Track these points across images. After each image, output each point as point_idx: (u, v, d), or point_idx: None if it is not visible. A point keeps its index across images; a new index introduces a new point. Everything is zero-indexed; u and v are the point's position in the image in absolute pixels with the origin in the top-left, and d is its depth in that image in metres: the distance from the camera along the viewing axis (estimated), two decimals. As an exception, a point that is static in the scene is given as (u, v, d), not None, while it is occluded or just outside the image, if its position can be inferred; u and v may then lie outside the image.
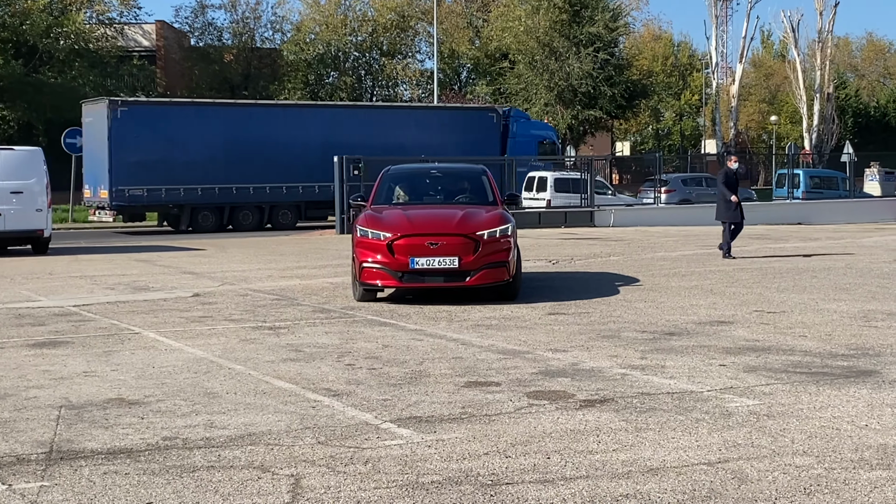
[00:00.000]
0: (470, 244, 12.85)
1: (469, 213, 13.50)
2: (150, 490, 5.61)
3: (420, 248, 12.78)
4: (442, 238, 12.84)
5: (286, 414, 7.34)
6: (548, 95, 53.60)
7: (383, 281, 12.97)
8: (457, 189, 15.04)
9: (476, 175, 15.23)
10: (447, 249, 12.77)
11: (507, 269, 13.06)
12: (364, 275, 13.06)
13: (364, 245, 13.08)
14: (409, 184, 15.23)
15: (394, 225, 13.13)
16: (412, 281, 12.95)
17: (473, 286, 12.98)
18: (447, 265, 12.76)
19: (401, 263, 12.79)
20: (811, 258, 20.01)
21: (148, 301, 14.11)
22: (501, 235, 13.13)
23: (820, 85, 63.40)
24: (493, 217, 13.46)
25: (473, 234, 12.93)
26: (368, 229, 13.14)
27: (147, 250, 24.64)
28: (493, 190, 14.71)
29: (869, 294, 13.95)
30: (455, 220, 13.24)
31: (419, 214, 13.66)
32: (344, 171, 31.33)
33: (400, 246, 12.83)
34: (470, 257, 12.78)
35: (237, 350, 10.05)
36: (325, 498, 5.44)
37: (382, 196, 14.60)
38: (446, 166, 18.24)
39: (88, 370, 9.07)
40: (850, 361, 9.12)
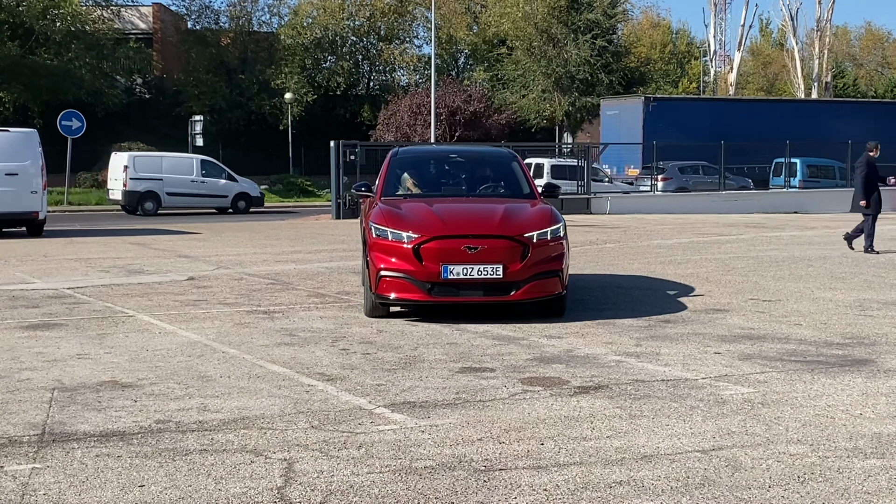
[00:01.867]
0: (517, 249, 10.29)
1: (512, 210, 10.97)
2: (143, 473, 5.59)
3: (456, 254, 10.17)
4: (483, 241, 10.25)
5: (280, 398, 7.32)
6: (545, 82, 53.51)
7: (407, 294, 10.28)
8: (483, 178, 12.45)
9: (505, 161, 12.73)
10: (489, 255, 10.19)
11: (560, 280, 10.53)
12: (382, 286, 10.34)
13: (381, 248, 10.43)
14: (423, 171, 12.66)
15: (421, 223, 10.49)
16: (444, 294, 10.25)
17: (519, 301, 10.37)
18: (489, 275, 10.16)
19: (430, 272, 10.17)
20: (806, 246, 19.99)
21: (142, 284, 14.07)
22: (553, 238, 10.61)
23: (818, 74, 63.36)
24: (541, 214, 10.93)
25: (521, 237, 10.36)
26: (388, 228, 10.49)
27: (142, 233, 24.59)
28: (529, 179, 12.17)
29: (864, 283, 13.94)
30: (497, 218, 10.65)
31: (451, 210, 11.04)
32: (340, 156, 31.26)
33: (430, 250, 10.21)
34: (517, 265, 10.22)
35: (231, 334, 10.03)
36: (317, 482, 5.42)
37: (392, 185, 11.96)
38: (467, 149, 15.82)
39: (82, 353, 9.04)
40: (845, 350, 9.11)
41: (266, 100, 54.98)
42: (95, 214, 35.28)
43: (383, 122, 50.73)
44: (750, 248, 19.94)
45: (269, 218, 32.90)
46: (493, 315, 10.87)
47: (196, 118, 47.41)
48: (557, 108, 53.67)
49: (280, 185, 48.53)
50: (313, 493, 5.27)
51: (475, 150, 14.91)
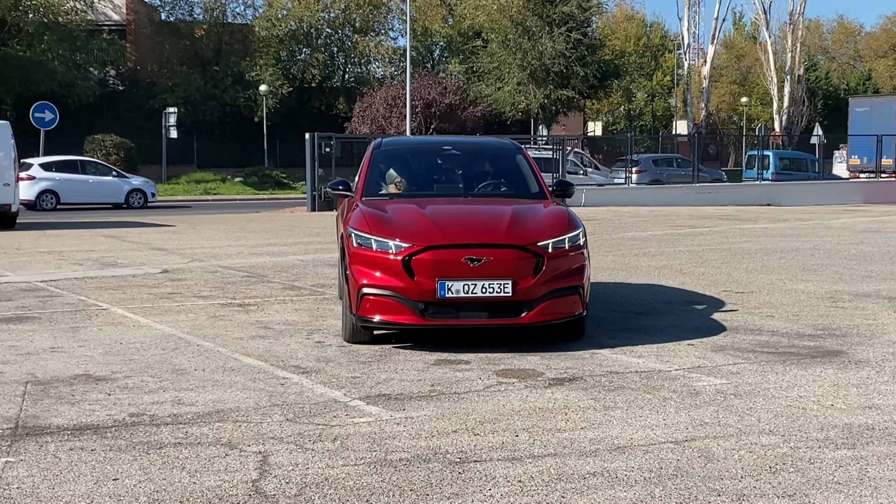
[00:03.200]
0: (529, 261, 8.48)
1: (521, 213, 9.17)
2: (117, 466, 5.58)
3: (455, 267, 8.35)
4: (488, 251, 8.43)
5: (254, 391, 7.32)
6: (520, 74, 53.54)
7: (395, 316, 8.44)
8: (483, 174, 10.63)
9: (508, 154, 10.81)
10: (496, 268, 8.37)
11: (581, 298, 8.72)
12: (365, 306, 8.50)
13: (364, 260, 8.61)
14: (412, 166, 10.72)
15: (412, 230, 8.67)
16: (440, 316, 8.44)
17: (531, 325, 8.56)
18: (496, 293, 8.35)
19: (424, 289, 8.33)
20: (779, 239, 20.12)
21: (116, 277, 14.01)
22: (572, 247, 8.77)
23: (790, 67, 63.66)
24: (556, 218, 9.12)
25: (534, 246, 8.54)
26: (371, 236, 8.65)
27: (116, 226, 24.46)
28: (537, 175, 10.31)
29: (836, 275, 14.05)
30: (504, 223, 8.82)
31: (447, 213, 9.23)
32: (315, 148, 31.20)
33: (423, 263, 8.39)
34: (529, 281, 8.41)
35: (206, 327, 10.00)
36: (292, 475, 5.43)
37: (375, 183, 10.15)
38: (464, 140, 13.52)
39: (55, 346, 9.00)
40: (817, 342, 9.19)
41: (241, 92, 54.79)
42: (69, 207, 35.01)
43: (359, 115, 50.63)
44: (723, 240, 20.05)
45: (243, 211, 32.79)
46: (494, 339, 9.08)
47: (170, 110, 47.26)
48: (533, 100, 53.71)
49: (255, 177, 48.39)
50: (288, 485, 5.28)
51: (473, 142, 12.74)
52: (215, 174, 47.29)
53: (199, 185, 44.83)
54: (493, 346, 8.86)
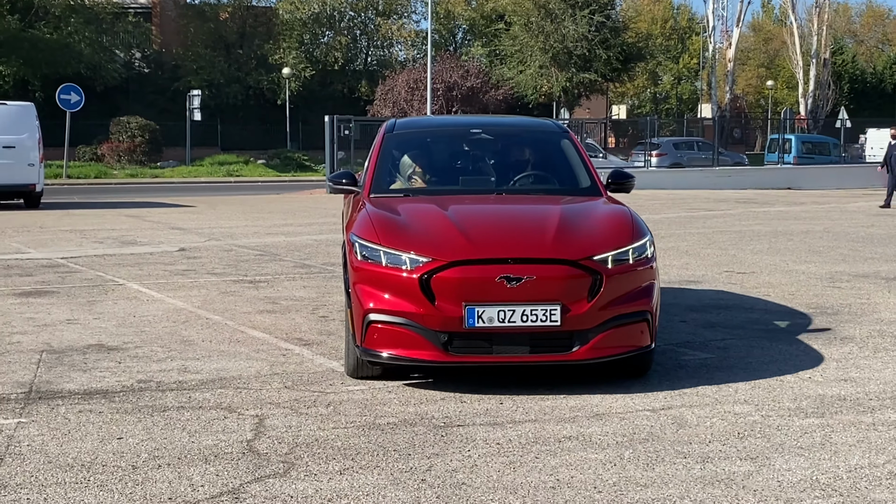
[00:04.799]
0: (582, 280, 6.61)
1: (572, 216, 7.30)
2: (122, 427, 5.94)
3: (487, 288, 6.49)
4: (530, 267, 6.55)
5: (257, 361, 7.66)
6: (543, 58, 53.62)
7: (410, 351, 6.60)
8: (521, 164, 8.56)
9: (551, 138, 8.77)
10: (540, 290, 6.50)
11: (649, 326, 6.86)
12: (371, 337, 6.69)
13: (370, 278, 6.78)
14: (432, 154, 8.77)
15: (432, 239, 6.82)
16: (468, 351, 6.59)
17: (585, 362, 6.71)
18: (540, 321, 6.48)
19: (447, 317, 6.48)
20: (791, 221, 20.31)
21: (134, 255, 14.41)
22: (638, 260, 6.89)
23: (816, 50, 63.41)
24: (616, 222, 7.22)
25: (589, 260, 6.65)
26: (380, 247, 6.80)
27: (138, 206, 24.91)
28: (589, 165, 8.30)
29: (840, 257, 14.26)
30: (550, 231, 6.91)
31: (477, 216, 7.40)
32: (335, 131, 31.54)
33: (447, 283, 6.53)
34: (582, 305, 6.56)
35: (216, 301, 10.36)
36: (285, 436, 5.77)
37: (387, 175, 8.25)
38: (496, 121, 11.04)
39: (71, 318, 9.38)
40: (808, 319, 9.44)
41: (264, 75, 55.15)
42: (94, 188, 35.58)
43: (380, 98, 50.94)
44: (735, 222, 20.24)
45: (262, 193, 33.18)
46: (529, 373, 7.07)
47: (194, 93, 47.67)
48: (555, 83, 53.80)
49: (277, 159, 48.80)
50: (280, 445, 5.61)
51: (508, 123, 10.35)
52: (238, 156, 47.73)
53: (223, 168, 45.28)
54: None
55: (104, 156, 44.91)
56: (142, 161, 44.85)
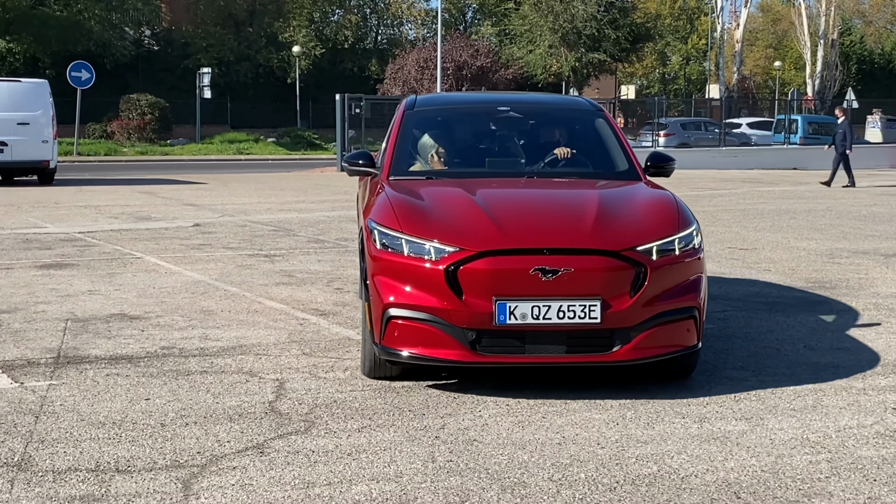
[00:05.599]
0: (625, 273, 6.03)
1: (611, 202, 6.75)
2: (148, 389, 6.26)
3: (520, 281, 5.93)
4: (567, 259, 5.98)
5: (275, 329, 7.98)
6: (552, 37, 53.79)
7: (434, 350, 6.04)
8: (552, 145, 7.87)
9: (585, 117, 8.22)
10: (578, 283, 5.94)
11: (696, 324, 6.28)
12: (391, 334, 6.13)
13: (390, 269, 6.21)
14: (456, 133, 8.23)
15: (459, 227, 6.25)
16: (499, 351, 6.02)
17: (627, 363, 6.11)
18: (578, 318, 5.93)
19: (476, 313, 5.92)
20: (795, 200, 20.57)
21: (150, 230, 14.73)
22: (685, 251, 6.31)
23: (824, 31, 63.41)
24: (661, 209, 6.64)
25: (632, 251, 6.08)
26: (402, 234, 6.24)
27: (151, 183, 25.23)
28: (626, 147, 7.75)
29: (841, 234, 14.54)
30: (589, 219, 6.34)
31: (508, 202, 6.86)
32: (346, 109, 31.78)
33: (476, 275, 5.97)
34: (625, 300, 5.99)
35: (233, 274, 10.68)
36: (305, 398, 6.08)
37: (407, 156, 7.66)
38: (525, 98, 10.26)
39: (93, 289, 9.70)
40: (806, 293, 9.73)
41: (274, 53, 55.41)
42: (105, 165, 35.91)
43: (390, 77, 51.15)
44: (740, 201, 20.51)
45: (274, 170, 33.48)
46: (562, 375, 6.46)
47: (204, 70, 47.94)
48: (564, 63, 53.99)
49: (287, 138, 49.08)
50: (300, 405, 5.93)
51: (538, 101, 9.74)
52: (248, 134, 48.03)
53: (233, 146, 45.58)
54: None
55: (114, 133, 45.26)
56: (152, 139, 45.18)
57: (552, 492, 4.63)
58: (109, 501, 4.47)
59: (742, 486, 4.71)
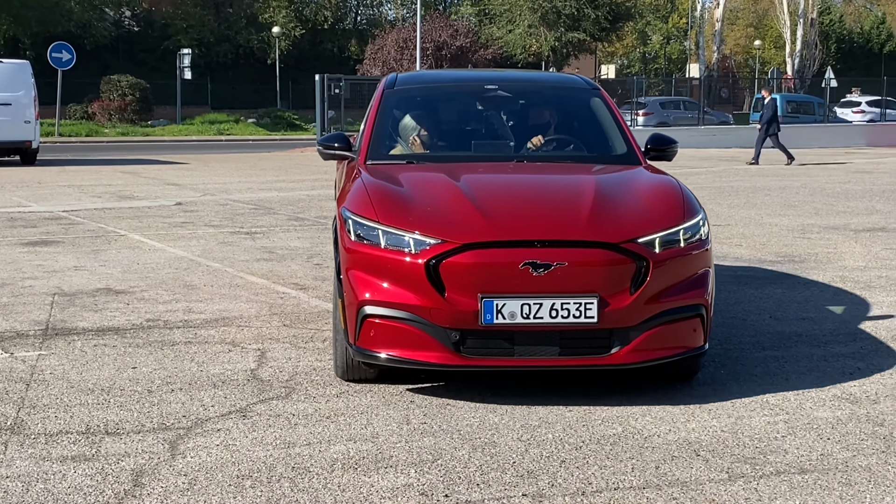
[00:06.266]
0: (624, 267, 5.51)
1: (609, 188, 6.19)
2: (135, 358, 6.47)
3: (509, 277, 5.41)
4: (561, 252, 5.45)
5: (256, 303, 8.20)
6: (531, 17, 53.88)
7: (414, 351, 5.52)
8: (544, 126, 7.36)
9: (580, 96, 7.63)
10: (572, 279, 5.42)
11: (703, 322, 5.78)
12: (366, 333, 5.62)
13: (366, 262, 5.70)
14: (440, 113, 7.69)
15: (442, 216, 5.73)
16: (485, 353, 5.50)
17: (626, 366, 5.58)
18: (572, 317, 5.40)
19: (459, 311, 5.40)
20: (770, 178, 20.87)
21: (133, 208, 14.90)
22: (691, 243, 5.76)
23: (804, 10, 63.72)
24: (664, 197, 6.10)
25: (632, 243, 5.55)
26: (378, 224, 5.71)
27: (132, 163, 25.33)
28: (625, 129, 7.17)
29: (813, 210, 14.83)
30: (584, 207, 5.79)
31: (495, 189, 6.34)
32: (325, 90, 31.90)
33: (460, 269, 5.45)
34: (624, 298, 5.46)
35: (215, 251, 10.88)
36: (285, 366, 6.31)
37: (386, 138, 7.12)
38: (515, 76, 9.72)
39: (78, 265, 9.89)
40: (775, 266, 10.01)
41: (254, 33, 55.36)
42: (86, 146, 35.93)
43: (370, 57, 51.17)
44: (716, 179, 20.79)
45: (256, 150, 33.61)
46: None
47: (184, 51, 47.89)
48: (544, 43, 54.11)
49: (268, 118, 49.10)
50: (281, 373, 6.16)
51: (527, 78, 9.06)
52: (229, 115, 48.01)
53: (213, 126, 45.58)
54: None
55: (95, 114, 45.17)
56: (132, 119, 45.13)
57: (521, 450, 4.87)
58: (100, 460, 4.69)
59: (702, 444, 4.97)
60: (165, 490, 4.37)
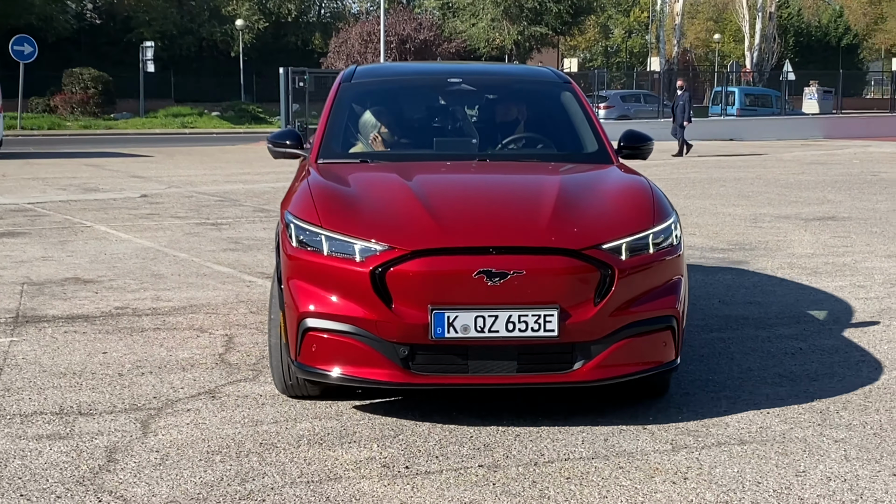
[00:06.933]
0: (588, 275, 5.10)
1: (574, 190, 5.77)
2: (105, 344, 6.68)
3: (462, 286, 4.99)
4: (518, 259, 5.03)
5: (223, 291, 8.41)
6: (494, 11, 54.23)
7: (360, 368, 5.08)
8: (511, 123, 6.90)
9: (550, 91, 7.21)
10: (531, 289, 5.00)
11: (674, 335, 5.33)
12: (308, 348, 5.18)
13: (308, 271, 5.25)
14: (399, 109, 7.19)
15: (390, 220, 5.29)
16: (436, 370, 5.07)
17: (590, 383, 5.15)
18: (531, 331, 4.99)
19: (408, 325, 4.98)
20: (727, 169, 21.28)
21: (98, 200, 15.04)
22: (661, 249, 5.36)
23: (762, 4, 64.44)
24: (633, 199, 5.67)
25: (596, 250, 5.13)
26: (321, 230, 5.26)
27: (96, 156, 25.38)
28: (597, 125, 6.71)
29: (766, 200, 15.22)
30: (545, 211, 5.37)
31: (449, 190, 5.89)
32: (290, 83, 32.00)
33: (408, 279, 5.03)
34: (587, 309, 5.06)
35: (181, 241, 11.07)
36: (252, 350, 6.54)
37: (340, 135, 6.68)
38: (481, 69, 9.33)
39: (46, 256, 10.06)
40: (726, 254, 10.34)
41: (217, 26, 55.30)
42: (49, 139, 35.82)
43: (334, 50, 51.27)
44: (674, 170, 21.17)
45: (219, 143, 33.68)
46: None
47: (147, 44, 47.80)
48: (507, 36, 54.48)
49: (232, 111, 49.12)
50: (248, 357, 6.39)
51: (494, 71, 8.67)
52: (192, 108, 48.00)
53: (177, 119, 45.57)
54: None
55: (57, 107, 45.02)
56: (95, 112, 45.02)
57: (478, 425, 5.14)
58: (74, 438, 4.91)
59: (648, 418, 5.25)
60: (139, 465, 4.59)
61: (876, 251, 10.55)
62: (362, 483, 4.43)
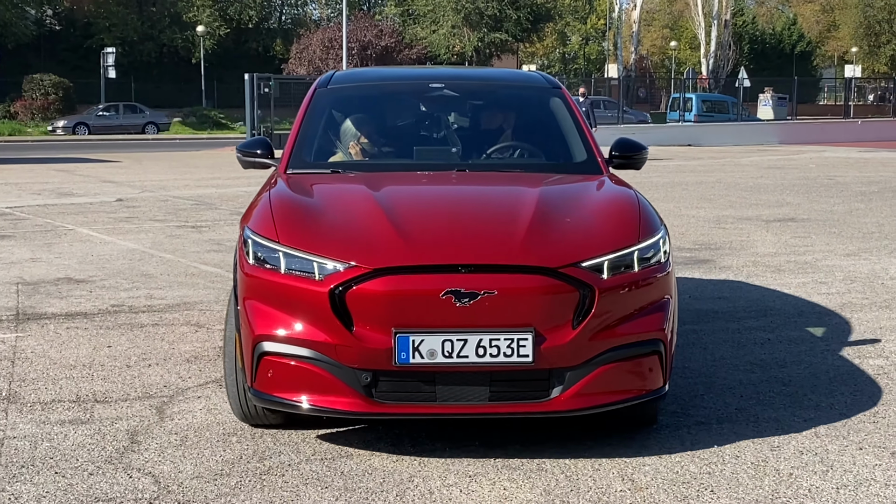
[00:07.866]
0: (565, 297, 4.65)
1: (554, 202, 5.33)
2: (108, 339, 6.98)
3: (428, 308, 4.55)
4: (490, 278, 4.59)
5: (214, 289, 8.72)
6: (455, 17, 54.76)
7: (318, 396, 4.68)
8: (496, 131, 6.49)
9: (538, 96, 6.72)
10: (502, 311, 4.56)
11: (661, 360, 4.90)
12: (263, 374, 4.79)
13: (264, 290, 4.85)
14: (377, 116, 6.68)
15: (351, 236, 4.87)
16: (400, 398, 4.65)
17: (568, 412, 4.71)
18: (503, 358, 4.56)
19: (369, 350, 4.57)
20: (688, 174, 21.81)
21: (75, 204, 15.25)
22: (647, 267, 4.91)
23: (718, 11, 65.41)
24: (617, 212, 5.25)
25: (574, 268, 4.69)
26: (278, 246, 4.85)
27: (64, 161, 25.51)
28: (586, 133, 6.27)
29: (728, 203, 15.72)
30: (521, 226, 4.93)
31: (418, 203, 5.49)
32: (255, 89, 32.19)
33: (370, 299, 4.61)
34: (566, 333, 4.62)
35: (165, 243, 11.35)
36: (251, 343, 6.86)
37: (312, 144, 6.24)
38: (465, 74, 9.21)
39: (34, 257, 10.31)
40: (693, 253, 10.78)
41: (178, 32, 55.36)
42: (11, 145, 35.83)
43: (295, 56, 51.54)
44: (635, 175, 21.62)
45: (185, 148, 33.81)
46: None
47: (108, 50, 47.84)
48: (467, 43, 55.00)
49: (193, 117, 49.21)
50: (248, 349, 6.71)
51: (479, 76, 8.38)
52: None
53: (138, 125, 45.62)
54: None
55: (17, 113, 44.95)
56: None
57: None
58: (95, 423, 5.22)
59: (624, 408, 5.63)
60: (161, 446, 4.91)
61: (835, 250, 11.04)
62: (373, 459, 4.77)
